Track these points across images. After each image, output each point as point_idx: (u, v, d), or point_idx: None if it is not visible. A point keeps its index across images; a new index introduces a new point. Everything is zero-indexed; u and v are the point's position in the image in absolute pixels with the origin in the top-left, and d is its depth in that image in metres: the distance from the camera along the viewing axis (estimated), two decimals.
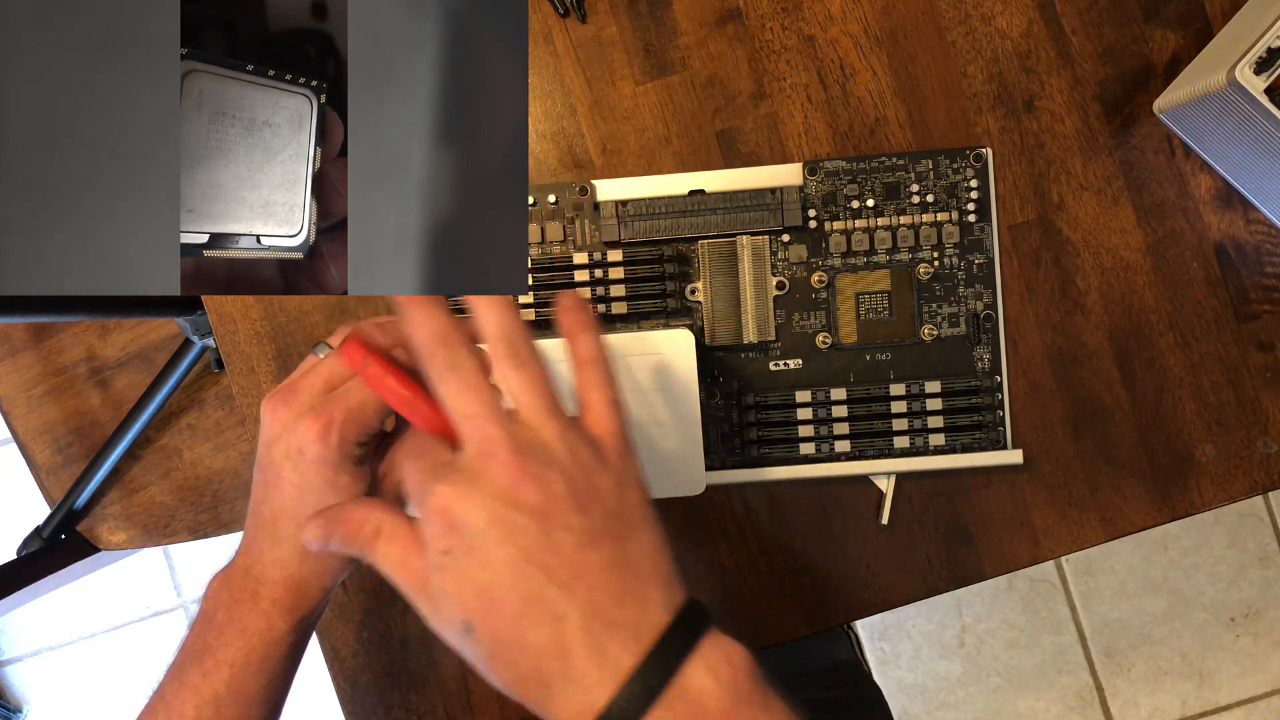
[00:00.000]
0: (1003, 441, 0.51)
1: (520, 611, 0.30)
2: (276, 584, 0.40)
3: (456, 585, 0.31)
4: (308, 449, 0.38)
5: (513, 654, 0.31)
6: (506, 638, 0.30)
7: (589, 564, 0.31)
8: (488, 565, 0.30)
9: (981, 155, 0.50)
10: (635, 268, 0.50)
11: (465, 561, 0.30)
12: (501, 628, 0.30)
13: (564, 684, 0.30)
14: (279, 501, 0.40)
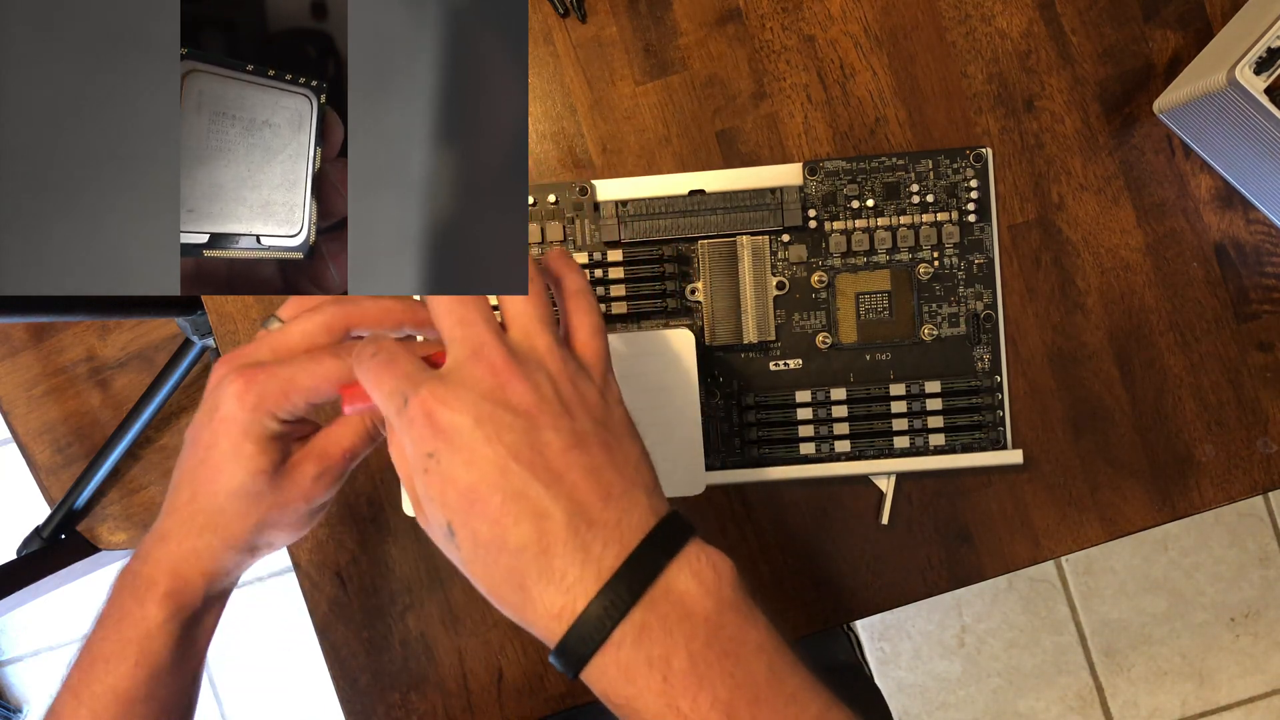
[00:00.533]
0: (1003, 441, 0.51)
1: (502, 510, 0.30)
2: (157, 563, 0.38)
3: (439, 487, 0.31)
4: (223, 405, 0.37)
5: (492, 554, 0.30)
6: (486, 538, 0.30)
7: (575, 465, 0.31)
8: (473, 465, 0.30)
9: (981, 155, 0.50)
10: (635, 268, 0.50)
11: (450, 462, 0.30)
12: (482, 528, 0.30)
13: (544, 584, 0.30)
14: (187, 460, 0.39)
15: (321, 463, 0.39)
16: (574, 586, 0.29)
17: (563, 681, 0.52)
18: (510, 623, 0.51)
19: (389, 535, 0.52)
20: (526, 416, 0.31)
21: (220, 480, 0.38)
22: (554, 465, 0.30)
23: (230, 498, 0.38)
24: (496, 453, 0.30)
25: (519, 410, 0.31)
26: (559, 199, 0.50)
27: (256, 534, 0.39)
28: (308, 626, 0.52)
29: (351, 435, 0.40)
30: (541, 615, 0.30)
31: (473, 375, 0.31)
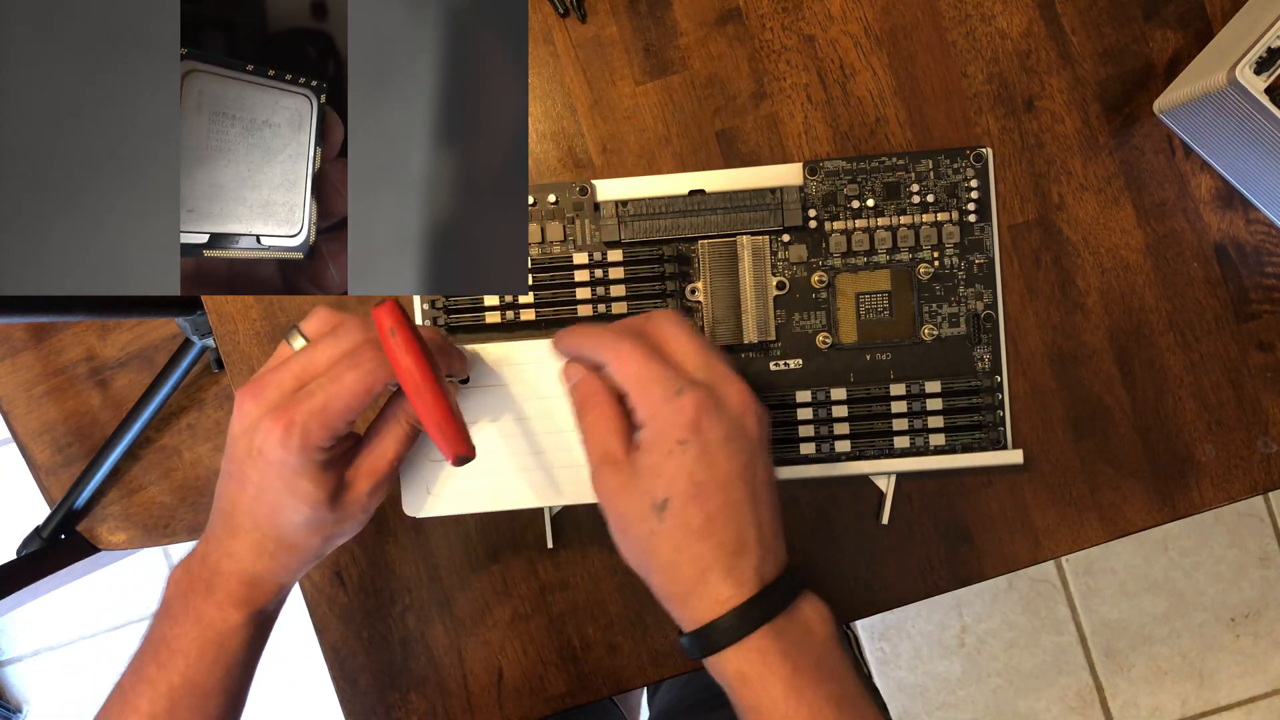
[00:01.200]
0: (1003, 441, 0.51)
1: (720, 510, 0.37)
2: (230, 576, 0.41)
3: (674, 469, 0.37)
4: (268, 451, 0.38)
5: (692, 539, 0.37)
6: (696, 524, 0.37)
7: (767, 498, 0.39)
8: (713, 466, 0.37)
9: (981, 155, 0.50)
10: (635, 268, 0.50)
11: (692, 455, 0.36)
12: (696, 516, 0.37)
13: (723, 577, 0.37)
14: (238, 496, 0.40)
15: (373, 478, 0.41)
16: (744, 585, 0.37)
17: (563, 681, 0.52)
18: (510, 623, 0.51)
19: (389, 535, 0.52)
20: (755, 447, 0.38)
21: (283, 515, 0.40)
22: (759, 493, 0.38)
23: (296, 529, 0.40)
24: (732, 466, 0.37)
25: (752, 439, 0.38)
26: (559, 199, 0.50)
27: (323, 548, 0.42)
28: (308, 626, 0.52)
29: (395, 444, 0.42)
30: (708, 600, 0.37)
31: (727, 397, 0.38)
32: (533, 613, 0.52)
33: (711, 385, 0.38)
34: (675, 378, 0.37)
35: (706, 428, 0.37)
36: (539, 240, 0.50)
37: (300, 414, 0.38)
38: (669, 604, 0.39)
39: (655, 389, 0.37)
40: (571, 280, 0.50)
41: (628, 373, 0.38)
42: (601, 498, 0.39)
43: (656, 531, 0.37)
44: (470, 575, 0.52)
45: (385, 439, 0.42)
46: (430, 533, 0.52)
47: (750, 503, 0.38)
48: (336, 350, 0.39)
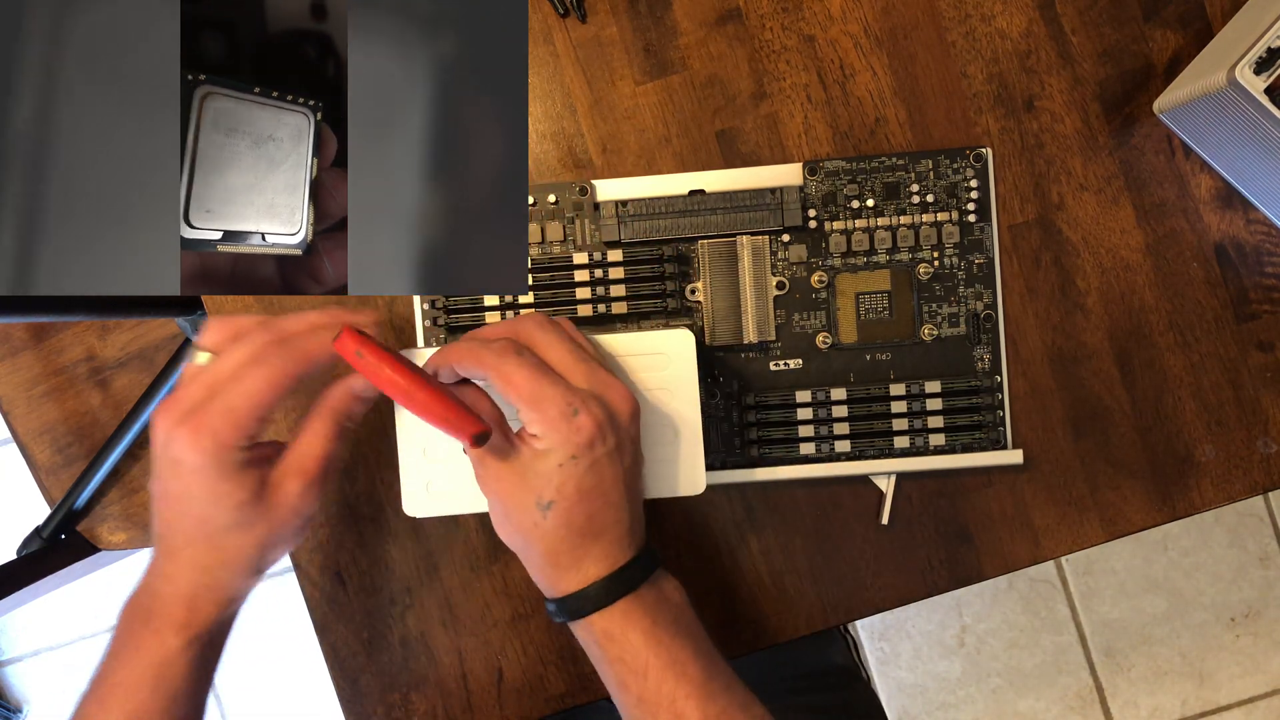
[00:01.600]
0: (1003, 441, 0.51)
1: (602, 509, 0.40)
2: (167, 600, 0.40)
3: (563, 479, 0.39)
4: (183, 458, 0.38)
5: (574, 534, 0.40)
6: (579, 522, 0.40)
7: (638, 487, 0.42)
8: (599, 475, 0.40)
9: (981, 155, 0.50)
10: (635, 268, 0.50)
11: (583, 468, 0.39)
12: (579, 516, 0.40)
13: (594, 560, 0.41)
14: (167, 514, 0.40)
15: (302, 477, 0.41)
16: (615, 562, 0.41)
17: (563, 681, 0.52)
18: (510, 623, 0.51)
19: (389, 535, 0.52)
20: (635, 448, 0.42)
21: (210, 523, 0.40)
22: (633, 487, 0.42)
23: (225, 535, 0.40)
24: (617, 472, 0.40)
25: (633, 440, 0.41)
26: (559, 199, 0.50)
27: (260, 556, 0.41)
28: (308, 626, 0.52)
29: (321, 442, 0.41)
30: (580, 577, 0.41)
31: (614, 404, 0.40)
32: (533, 613, 0.52)
33: (600, 396, 0.40)
34: (569, 397, 0.39)
35: (598, 443, 0.39)
36: (539, 240, 0.50)
37: (208, 415, 0.38)
38: (540, 581, 0.42)
39: (550, 408, 0.39)
40: (571, 280, 0.50)
41: (521, 394, 0.39)
42: (486, 485, 0.41)
43: (540, 525, 0.40)
44: (470, 575, 0.52)
45: (310, 437, 0.41)
46: (430, 533, 0.52)
47: (627, 498, 0.41)
48: (241, 355, 0.39)
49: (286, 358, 0.39)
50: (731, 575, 0.52)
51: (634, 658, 0.40)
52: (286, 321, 0.40)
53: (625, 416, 0.41)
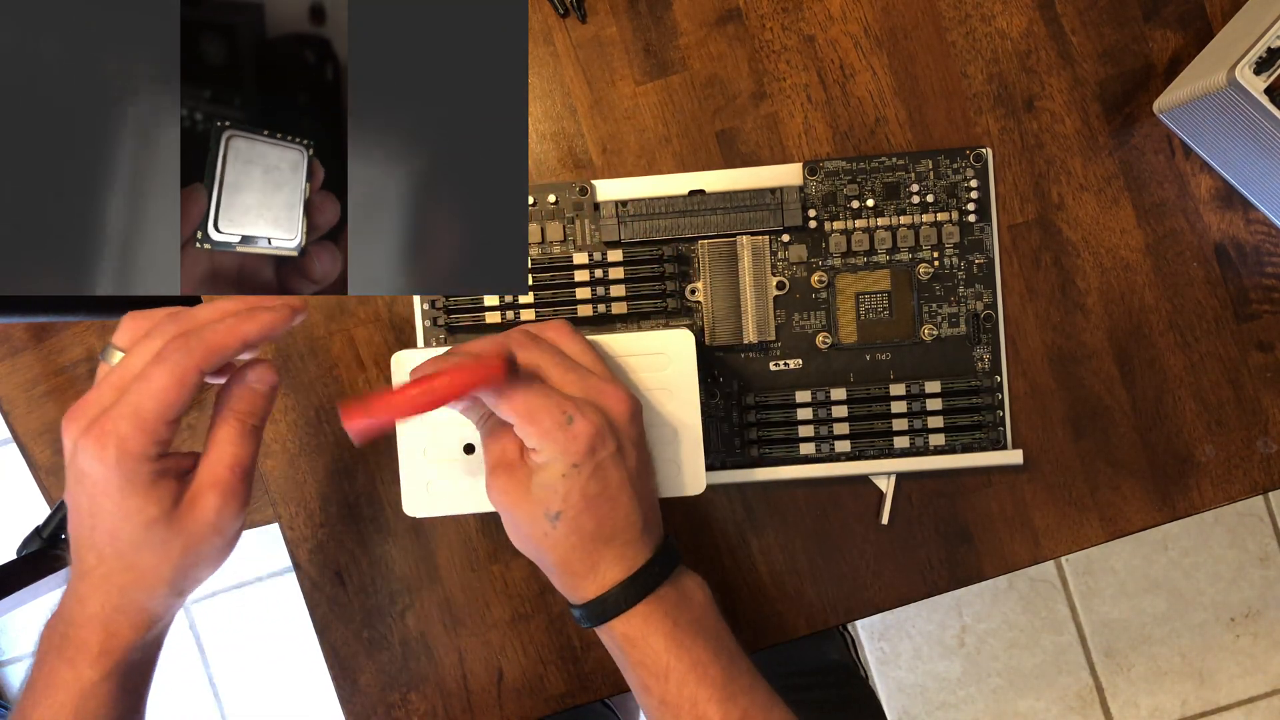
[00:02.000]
0: (1003, 441, 0.51)
1: (612, 514, 0.39)
2: (83, 625, 0.37)
3: (567, 488, 0.39)
4: (89, 469, 0.36)
5: (586, 540, 0.39)
6: (589, 529, 0.39)
7: (649, 487, 0.42)
8: (604, 480, 0.39)
9: (981, 155, 0.50)
10: (635, 268, 0.50)
11: (585, 475, 0.39)
12: (589, 523, 0.39)
13: (611, 563, 0.40)
14: (78, 530, 0.37)
15: (218, 489, 0.38)
16: (630, 566, 0.40)
17: (563, 681, 0.52)
18: (510, 623, 0.51)
19: (389, 535, 0.52)
20: (639, 448, 0.41)
21: (120, 540, 0.37)
22: (643, 488, 0.41)
23: (137, 552, 0.37)
24: (621, 475, 0.40)
25: (636, 441, 0.41)
26: (559, 199, 0.50)
27: (178, 577, 0.38)
28: (308, 626, 0.52)
29: (231, 447, 0.39)
30: (599, 583, 0.40)
31: (611, 409, 0.40)
32: (533, 613, 0.52)
33: (595, 402, 0.39)
34: (562, 405, 0.38)
35: (599, 448, 0.39)
36: (539, 240, 0.50)
37: (111, 420, 0.35)
38: (560, 587, 0.42)
39: (545, 419, 0.38)
40: (571, 280, 0.50)
41: (515, 409, 0.38)
42: (495, 498, 0.41)
43: (550, 535, 0.40)
44: (470, 575, 0.52)
45: (219, 443, 0.39)
46: (430, 533, 0.52)
47: (636, 500, 0.40)
48: (147, 351, 0.37)
49: (193, 351, 0.36)
50: (731, 575, 0.52)
51: (655, 661, 0.40)
52: (198, 311, 0.38)
53: (623, 418, 0.40)
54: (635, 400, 0.41)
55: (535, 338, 0.41)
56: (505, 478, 0.40)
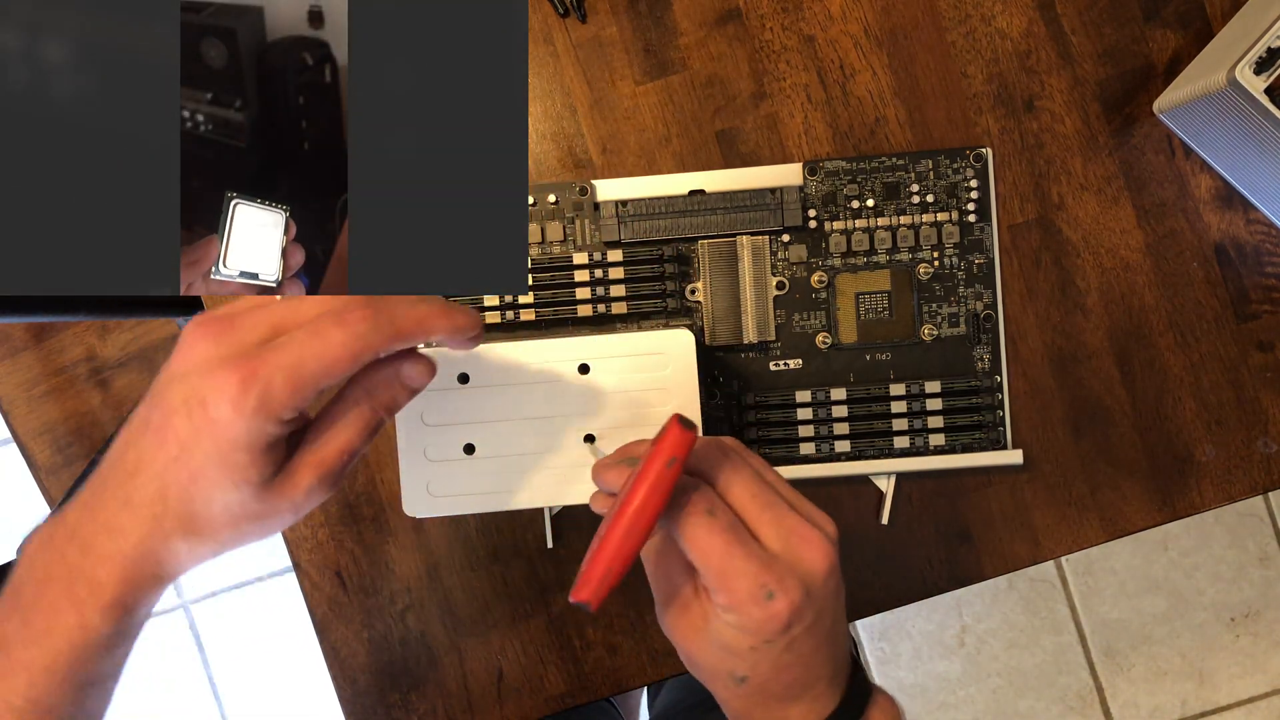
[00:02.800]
0: (1003, 441, 0.51)
1: (799, 678, 0.36)
2: (105, 560, 0.32)
3: (756, 658, 0.35)
4: (214, 404, 0.31)
5: (770, 704, 0.37)
6: (775, 692, 0.36)
7: (842, 635, 0.38)
8: (797, 652, 0.35)
9: (981, 155, 0.50)
10: (635, 268, 0.50)
11: (778, 648, 0.35)
12: (775, 688, 0.36)
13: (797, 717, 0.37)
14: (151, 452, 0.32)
15: (318, 470, 0.34)
16: (819, 715, 0.37)
17: (563, 681, 0.52)
18: (510, 623, 0.52)
19: (389, 535, 0.52)
20: (835, 606, 0.37)
21: (199, 488, 0.32)
22: (836, 643, 0.37)
23: (209, 507, 0.32)
24: (817, 642, 0.36)
25: (835, 598, 0.37)
26: (559, 199, 0.50)
27: (231, 543, 0.34)
28: (308, 626, 0.52)
29: (354, 435, 0.35)
30: None
31: (811, 570, 0.35)
32: (533, 613, 0.52)
33: (795, 562, 0.35)
34: (763, 576, 0.34)
35: (795, 625, 0.35)
36: (539, 240, 0.50)
37: (267, 367, 0.31)
38: None
39: (741, 588, 0.34)
40: (571, 280, 0.50)
41: (709, 564, 0.34)
42: (670, 635, 0.38)
43: (731, 689, 0.37)
44: (470, 575, 0.52)
45: (344, 427, 0.35)
46: (430, 533, 0.52)
47: (830, 656, 0.37)
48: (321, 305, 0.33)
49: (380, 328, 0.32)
50: None
51: None
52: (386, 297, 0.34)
53: (821, 576, 0.35)
54: (834, 545, 0.37)
55: (732, 457, 0.37)
56: (681, 615, 0.37)
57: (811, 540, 0.36)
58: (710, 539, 0.34)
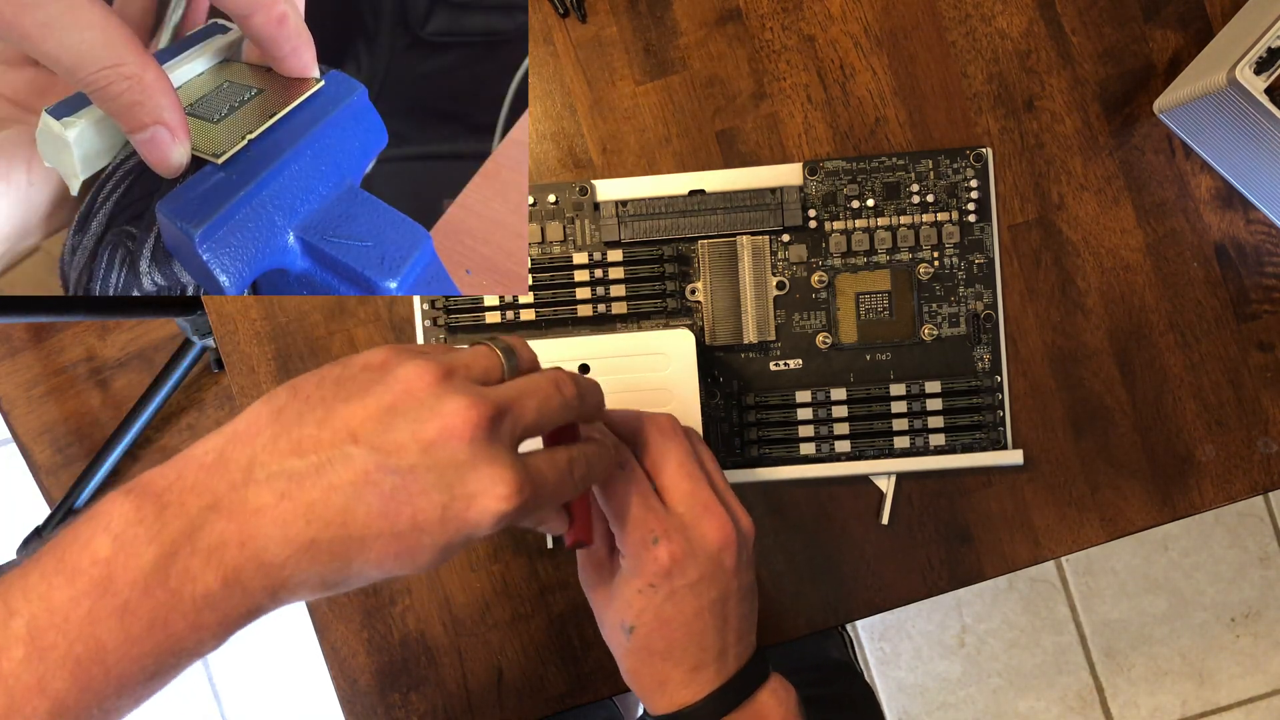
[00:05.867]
0: (1003, 441, 0.51)
1: (680, 639, 0.39)
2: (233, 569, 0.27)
3: (642, 605, 0.38)
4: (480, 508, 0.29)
5: (655, 659, 0.39)
6: (659, 648, 0.39)
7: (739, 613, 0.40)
8: (679, 605, 0.38)
9: (981, 155, 0.50)
10: (635, 268, 0.50)
11: (661, 597, 0.38)
12: (658, 643, 0.39)
13: (681, 686, 0.39)
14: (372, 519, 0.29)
15: None
16: (700, 689, 0.39)
17: (563, 681, 0.52)
18: (510, 623, 0.52)
19: None
20: (728, 580, 0.39)
21: (396, 563, 0.30)
22: (728, 616, 0.39)
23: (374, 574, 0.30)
24: (700, 603, 0.38)
25: (727, 571, 0.39)
26: (559, 199, 0.50)
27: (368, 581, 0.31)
28: (308, 626, 0.52)
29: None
30: (668, 702, 0.40)
31: (705, 536, 0.38)
32: (533, 613, 0.52)
33: (689, 524, 0.38)
34: (651, 523, 0.38)
35: (676, 575, 0.38)
36: (539, 240, 0.50)
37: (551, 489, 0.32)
38: (634, 692, 0.41)
39: (634, 532, 0.38)
40: (571, 280, 0.50)
41: (611, 510, 0.38)
42: (586, 590, 0.42)
43: (622, 645, 0.40)
44: (470, 575, 0.52)
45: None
46: None
47: (716, 628, 0.39)
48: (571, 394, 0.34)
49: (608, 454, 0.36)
50: None
51: None
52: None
53: (714, 545, 0.38)
54: (739, 531, 0.39)
55: (678, 429, 0.40)
56: (594, 573, 0.41)
57: (715, 514, 0.38)
58: (616, 487, 0.38)
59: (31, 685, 0.27)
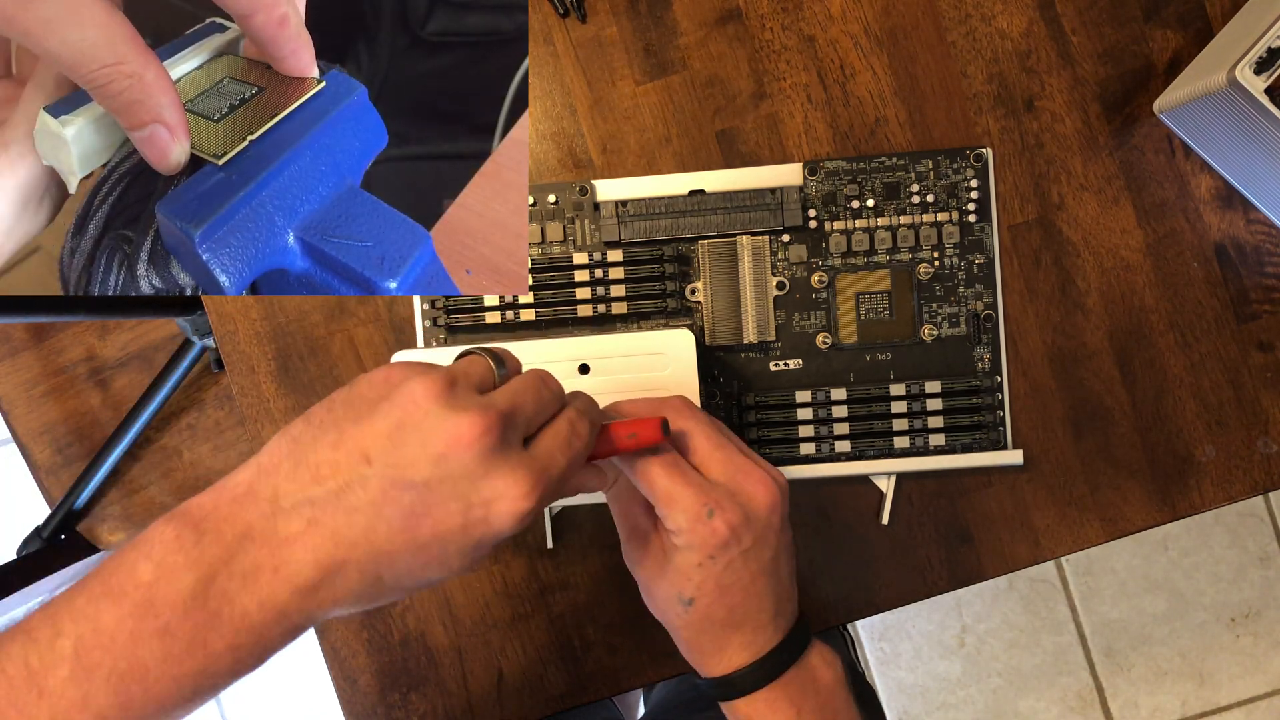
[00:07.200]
0: (1003, 441, 0.51)
1: (740, 603, 0.39)
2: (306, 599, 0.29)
3: (701, 577, 0.39)
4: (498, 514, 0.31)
5: (715, 627, 0.40)
6: (720, 617, 0.40)
7: (788, 574, 0.42)
8: (739, 572, 0.39)
9: (981, 155, 0.50)
10: (635, 268, 0.50)
11: (720, 566, 0.39)
12: (719, 611, 0.39)
13: (738, 648, 0.40)
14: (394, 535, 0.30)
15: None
16: (759, 649, 0.40)
17: (563, 681, 0.52)
18: (510, 623, 0.52)
19: None
20: (778, 539, 0.40)
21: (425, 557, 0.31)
22: (781, 576, 0.41)
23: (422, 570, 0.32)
24: (759, 566, 0.39)
25: (776, 531, 0.40)
26: (559, 199, 0.50)
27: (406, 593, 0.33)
28: None
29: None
30: (725, 664, 0.41)
31: (753, 499, 0.39)
32: (533, 613, 0.52)
33: (736, 491, 0.39)
34: (703, 497, 0.38)
35: (734, 544, 0.38)
36: (539, 240, 0.50)
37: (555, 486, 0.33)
38: (687, 659, 0.42)
39: (687, 509, 0.38)
40: (571, 280, 0.50)
41: (655, 492, 0.38)
42: (629, 562, 0.42)
43: (681, 616, 0.40)
44: (470, 575, 0.52)
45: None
46: None
47: (771, 590, 0.40)
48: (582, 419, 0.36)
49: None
50: None
51: None
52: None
53: (764, 508, 0.39)
54: (780, 488, 0.40)
55: (693, 407, 0.41)
56: (640, 550, 0.41)
57: (755, 476, 0.39)
58: (655, 469, 0.38)
59: (75, 701, 0.28)
